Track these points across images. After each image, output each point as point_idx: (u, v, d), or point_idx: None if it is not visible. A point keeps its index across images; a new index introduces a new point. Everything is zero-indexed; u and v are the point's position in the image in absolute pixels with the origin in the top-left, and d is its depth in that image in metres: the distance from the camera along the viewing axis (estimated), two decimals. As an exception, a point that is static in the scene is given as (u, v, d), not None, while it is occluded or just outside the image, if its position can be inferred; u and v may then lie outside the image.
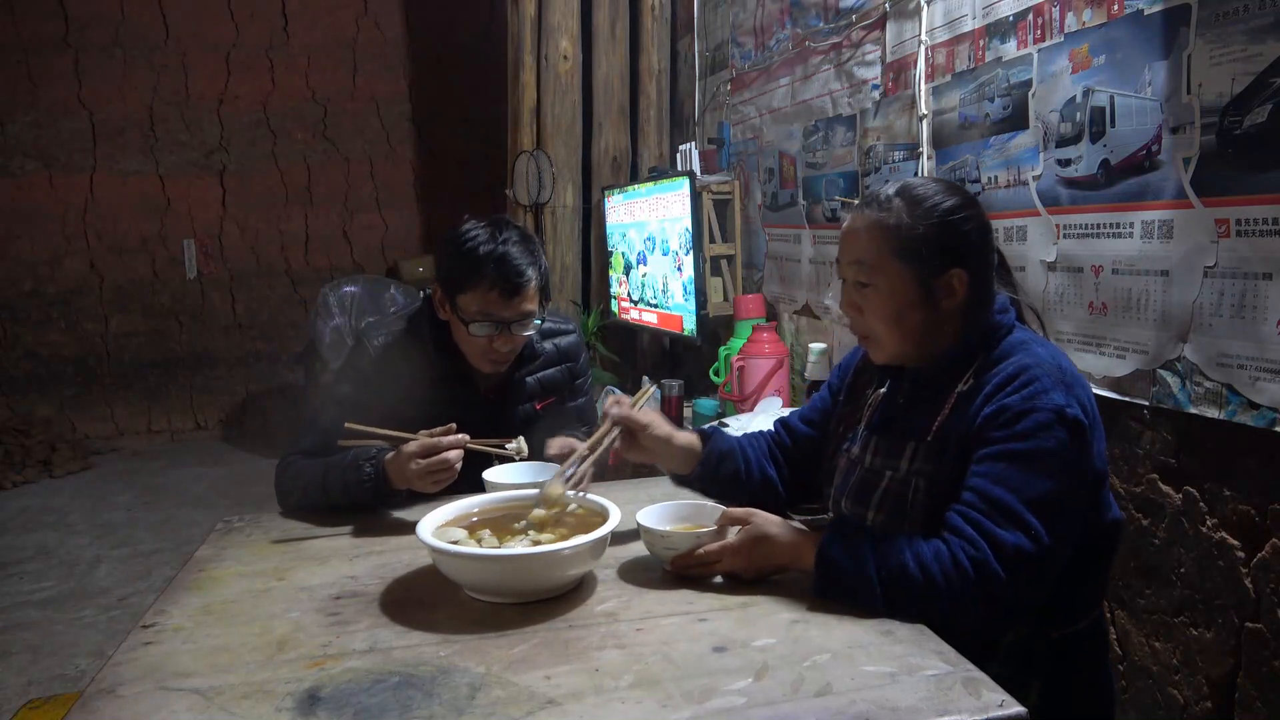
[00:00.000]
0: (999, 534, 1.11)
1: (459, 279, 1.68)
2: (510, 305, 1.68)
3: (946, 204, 1.28)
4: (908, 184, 1.32)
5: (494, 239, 1.68)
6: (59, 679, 2.84)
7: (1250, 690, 1.49)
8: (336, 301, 5.21)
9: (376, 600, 1.24)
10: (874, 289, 1.30)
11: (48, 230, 5.72)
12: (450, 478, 1.56)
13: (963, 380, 1.27)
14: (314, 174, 6.11)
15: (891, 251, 1.28)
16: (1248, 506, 1.47)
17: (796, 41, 2.91)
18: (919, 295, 1.28)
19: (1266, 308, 1.39)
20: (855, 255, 1.32)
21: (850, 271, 1.33)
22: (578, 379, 1.98)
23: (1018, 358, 1.23)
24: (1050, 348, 1.27)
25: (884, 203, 1.30)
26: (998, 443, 1.17)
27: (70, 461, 5.35)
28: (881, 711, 0.92)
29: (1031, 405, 1.16)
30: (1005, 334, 1.29)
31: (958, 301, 1.29)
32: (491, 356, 1.73)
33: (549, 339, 1.91)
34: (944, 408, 1.27)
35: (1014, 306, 1.36)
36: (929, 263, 1.27)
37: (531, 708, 0.94)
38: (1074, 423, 1.16)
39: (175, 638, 1.15)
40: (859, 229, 1.31)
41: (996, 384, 1.21)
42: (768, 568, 1.25)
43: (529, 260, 1.69)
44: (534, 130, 4.21)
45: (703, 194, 3.33)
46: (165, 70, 5.79)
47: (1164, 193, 1.56)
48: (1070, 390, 1.18)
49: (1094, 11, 1.69)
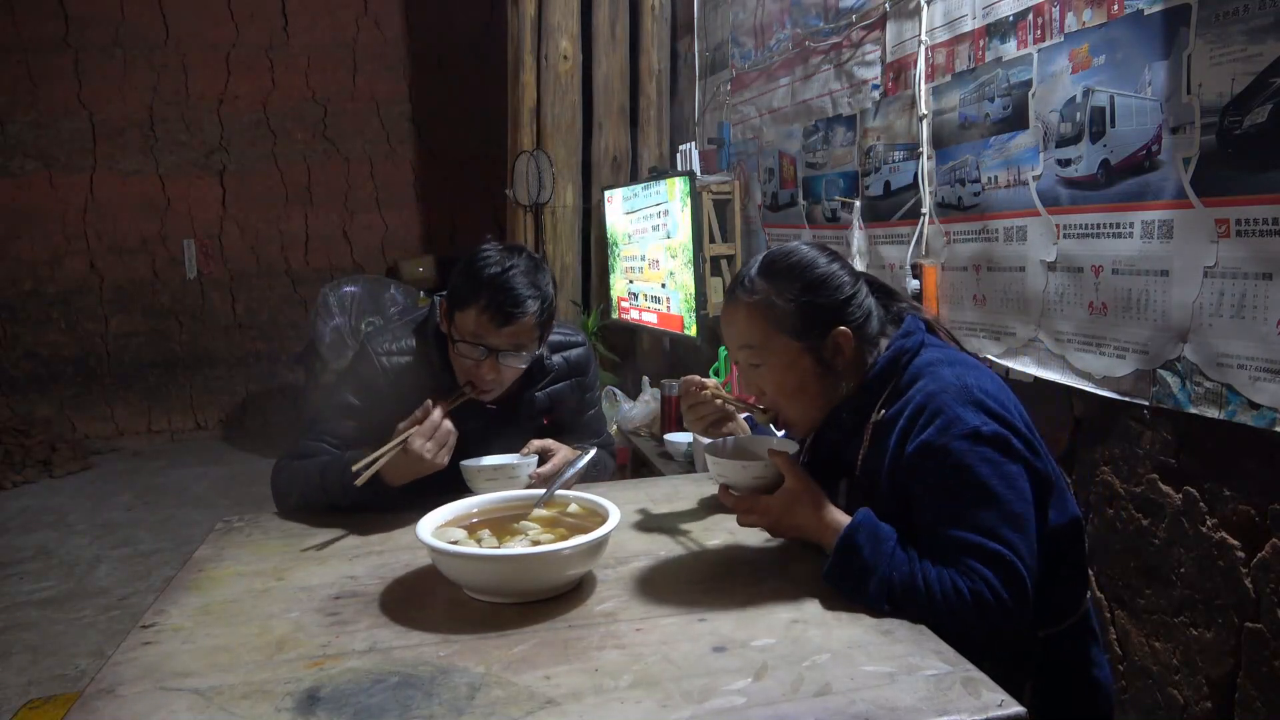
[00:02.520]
0: (979, 570, 1.13)
1: (460, 296, 1.64)
2: (501, 334, 1.62)
3: (808, 276, 1.32)
4: (766, 259, 1.37)
5: (501, 263, 1.63)
6: (59, 679, 2.84)
7: (1250, 690, 1.49)
8: (336, 301, 5.22)
9: (376, 600, 1.24)
10: (767, 368, 1.34)
11: (48, 230, 5.72)
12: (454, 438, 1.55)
13: (875, 410, 1.31)
14: (314, 174, 6.12)
15: (773, 330, 1.32)
16: (1248, 506, 1.47)
17: (796, 41, 2.91)
18: (811, 363, 1.32)
19: (1266, 308, 1.39)
20: (740, 341, 1.36)
21: (742, 356, 1.37)
22: (587, 392, 1.95)
23: (923, 384, 1.25)
24: (958, 365, 1.28)
25: (750, 286, 1.34)
26: (934, 483, 1.19)
27: (70, 461, 5.35)
28: (881, 711, 0.92)
29: (948, 438, 1.18)
30: (910, 358, 1.31)
31: (847, 357, 1.32)
32: (476, 382, 1.67)
33: (558, 352, 1.87)
34: (864, 440, 1.31)
35: (924, 323, 1.38)
36: (809, 333, 1.31)
37: (531, 708, 0.94)
38: (993, 438, 1.18)
39: (175, 638, 1.15)
40: (737, 317, 1.36)
41: (909, 416, 1.24)
42: (793, 532, 1.28)
43: (531, 292, 1.63)
44: (534, 130, 4.21)
45: (703, 194, 3.33)
46: (165, 70, 5.79)
47: (1164, 193, 1.56)
48: (981, 406, 1.20)
49: (1094, 11, 1.69)
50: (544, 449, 1.71)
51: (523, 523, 1.36)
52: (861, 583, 1.15)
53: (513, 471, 1.62)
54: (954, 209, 2.13)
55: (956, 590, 1.12)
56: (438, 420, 1.53)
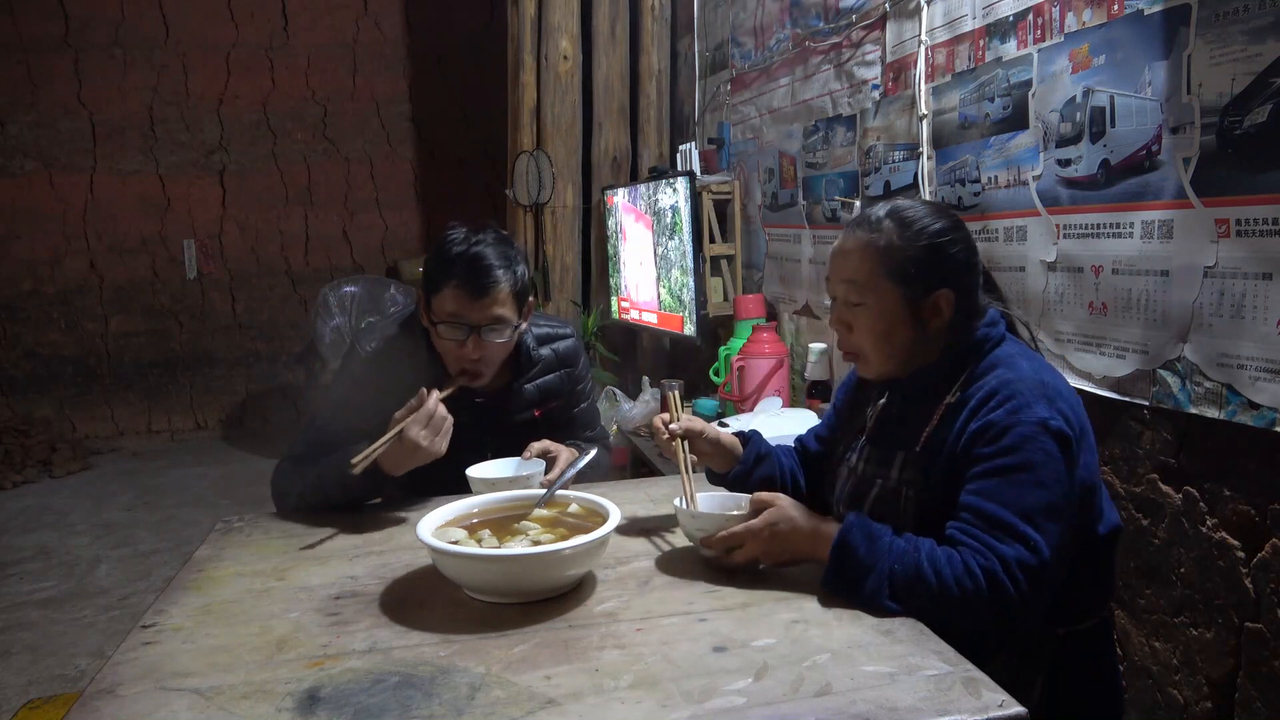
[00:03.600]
0: (1000, 548, 1.13)
1: (432, 280, 1.66)
2: (478, 307, 1.63)
3: (935, 226, 1.33)
4: (897, 206, 1.36)
5: (468, 240, 1.66)
6: (59, 679, 2.84)
7: (1250, 690, 1.49)
8: (336, 301, 5.22)
9: (376, 600, 1.24)
10: (864, 308, 1.34)
11: (48, 230, 5.72)
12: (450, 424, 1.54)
13: (950, 392, 1.31)
14: (314, 174, 6.12)
15: (882, 272, 1.32)
16: (1248, 506, 1.47)
17: (796, 41, 2.91)
18: (907, 314, 1.32)
19: (1266, 308, 1.39)
20: (846, 275, 1.36)
21: (841, 290, 1.37)
22: (578, 384, 1.94)
23: (1000, 372, 1.27)
24: (1036, 361, 1.30)
25: (874, 224, 1.34)
26: (986, 459, 1.20)
27: (70, 461, 5.35)
28: (881, 711, 0.92)
29: (1015, 420, 1.19)
30: (992, 347, 1.32)
31: (944, 321, 1.33)
32: (464, 365, 1.68)
33: (546, 345, 1.87)
34: (933, 419, 1.31)
35: (1005, 319, 1.39)
36: (917, 284, 1.31)
37: (531, 708, 0.94)
38: (1058, 434, 1.18)
39: (175, 638, 1.15)
40: (850, 249, 1.36)
41: (980, 399, 1.25)
42: (786, 554, 1.26)
43: (501, 263, 1.65)
44: (534, 130, 4.21)
45: (703, 194, 3.33)
46: (165, 70, 5.79)
47: (1164, 193, 1.56)
48: (1053, 403, 1.21)
49: (1094, 11, 1.69)
50: (544, 451, 1.71)
51: (523, 523, 1.36)
52: (861, 582, 1.15)
53: (526, 483, 1.60)
54: (954, 209, 2.13)
55: (968, 570, 1.12)
56: (432, 408, 1.53)
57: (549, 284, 4.25)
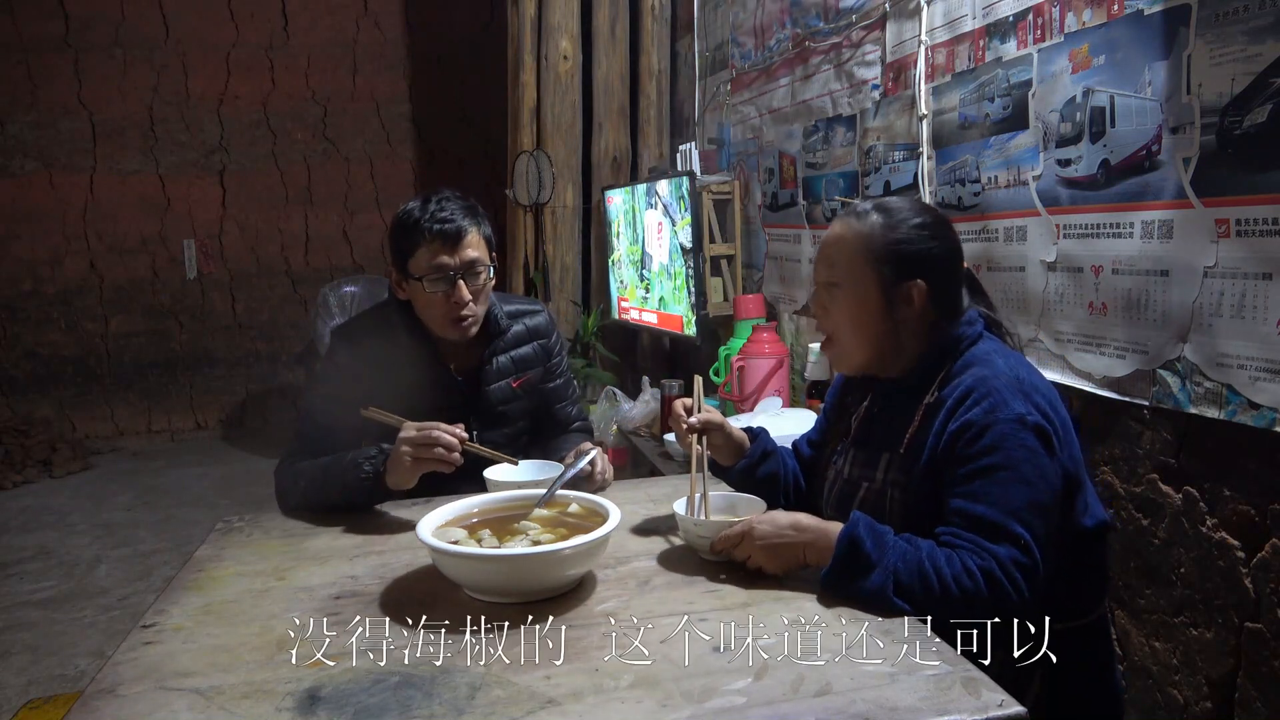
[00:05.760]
0: (994, 548, 1.14)
1: (403, 246, 1.75)
2: (456, 253, 1.72)
3: (916, 220, 1.36)
4: (885, 199, 1.41)
5: (427, 202, 1.76)
6: (59, 679, 2.84)
7: (1250, 690, 1.49)
8: (336, 301, 5.21)
9: (376, 600, 1.24)
10: (840, 290, 1.37)
11: (48, 230, 5.72)
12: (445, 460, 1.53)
13: (929, 392, 1.33)
14: (314, 174, 6.11)
15: (860, 256, 1.35)
16: (1248, 506, 1.47)
17: (796, 41, 2.91)
18: (881, 301, 1.35)
19: (1266, 308, 1.39)
20: (828, 257, 1.40)
21: (822, 272, 1.41)
22: (552, 356, 2.00)
23: (976, 370, 1.28)
24: (1012, 359, 1.31)
25: (860, 214, 1.39)
26: (968, 460, 1.21)
27: (70, 461, 5.35)
28: (881, 711, 0.92)
29: (993, 418, 1.20)
30: (969, 345, 1.34)
31: (914, 312, 1.35)
32: (453, 314, 1.74)
33: (518, 320, 1.94)
34: (914, 419, 1.32)
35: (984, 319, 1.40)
36: (891, 269, 1.34)
37: (531, 708, 0.94)
38: (1036, 428, 1.20)
39: (175, 638, 1.15)
40: (834, 235, 1.40)
41: (956, 398, 1.26)
42: (790, 556, 1.25)
43: (465, 213, 1.75)
44: (534, 130, 4.21)
45: (703, 194, 3.33)
46: (165, 70, 5.79)
47: (1164, 193, 1.56)
48: (1029, 398, 1.22)
49: (1094, 11, 1.69)
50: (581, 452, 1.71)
51: (523, 523, 1.37)
52: (866, 576, 1.15)
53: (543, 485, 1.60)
54: (954, 209, 2.13)
55: (967, 570, 1.13)
56: (429, 436, 1.53)
57: (549, 284, 4.25)
